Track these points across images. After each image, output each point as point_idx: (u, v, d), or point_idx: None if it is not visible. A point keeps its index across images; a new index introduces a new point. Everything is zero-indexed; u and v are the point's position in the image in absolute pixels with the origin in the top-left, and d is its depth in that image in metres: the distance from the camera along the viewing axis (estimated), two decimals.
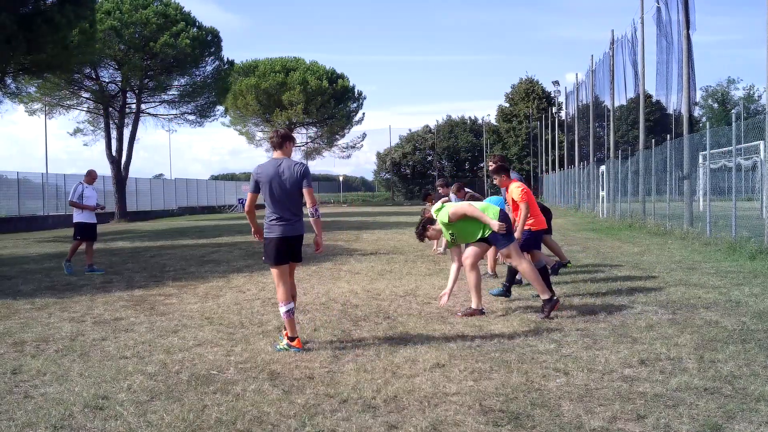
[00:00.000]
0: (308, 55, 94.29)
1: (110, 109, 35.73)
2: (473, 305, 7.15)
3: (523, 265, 7.10)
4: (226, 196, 56.26)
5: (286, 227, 5.78)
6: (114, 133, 35.76)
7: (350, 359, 5.43)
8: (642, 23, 22.62)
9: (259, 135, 60.60)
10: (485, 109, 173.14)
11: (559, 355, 5.40)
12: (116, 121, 35.90)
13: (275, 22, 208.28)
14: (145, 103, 38.07)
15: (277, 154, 5.95)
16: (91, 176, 12.08)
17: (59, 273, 11.60)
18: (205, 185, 53.95)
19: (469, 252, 7.19)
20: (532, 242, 7.95)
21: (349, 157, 64.72)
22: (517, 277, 8.54)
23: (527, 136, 65.52)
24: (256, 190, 5.85)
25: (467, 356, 5.44)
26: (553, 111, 56.64)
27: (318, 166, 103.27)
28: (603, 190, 27.83)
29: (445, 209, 7.17)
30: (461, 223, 7.08)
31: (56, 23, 20.76)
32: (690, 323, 6.52)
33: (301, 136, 62.29)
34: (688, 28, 17.54)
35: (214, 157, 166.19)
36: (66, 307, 8.21)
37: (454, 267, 7.23)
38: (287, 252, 5.83)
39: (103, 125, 36.10)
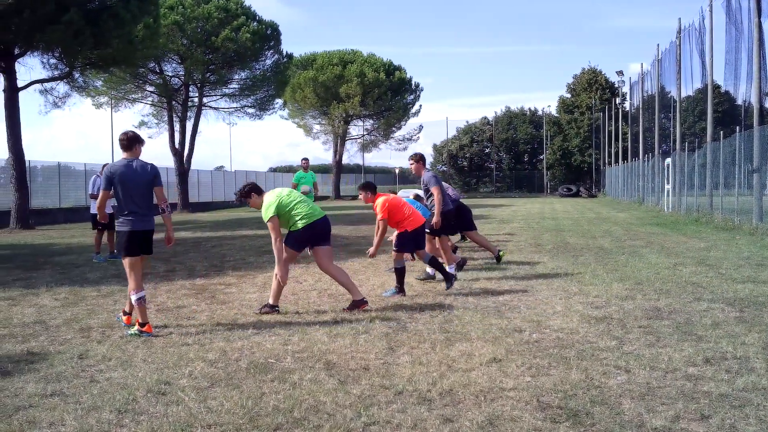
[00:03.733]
0: (366, 48, 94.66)
1: (173, 102, 36.59)
2: (270, 300, 7.14)
3: (331, 269, 7.22)
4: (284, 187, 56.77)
5: (138, 222, 6.24)
6: (177, 126, 36.61)
7: (405, 351, 5.43)
8: (710, 11, 21.83)
9: (317, 128, 61.10)
10: (545, 100, 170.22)
11: (620, 353, 5.27)
12: (179, 114, 36.74)
13: (333, 14, 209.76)
14: (207, 96, 38.90)
15: (127, 154, 6.33)
16: None
17: None
18: (264, 177, 54.74)
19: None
20: (409, 241, 8.28)
21: (405, 149, 64.40)
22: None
23: (589, 127, 64.00)
24: (109, 187, 6.24)
25: (524, 351, 5.37)
26: (617, 102, 55.07)
27: (374, 158, 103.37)
28: (668, 183, 27.04)
29: (268, 210, 7.02)
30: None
31: (122, 18, 21.37)
32: (758, 321, 6.28)
33: (357, 128, 62.58)
34: (759, 15, 16.84)
35: (273, 149, 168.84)
36: None
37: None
38: (139, 245, 6.28)
39: (166, 118, 37.00)
